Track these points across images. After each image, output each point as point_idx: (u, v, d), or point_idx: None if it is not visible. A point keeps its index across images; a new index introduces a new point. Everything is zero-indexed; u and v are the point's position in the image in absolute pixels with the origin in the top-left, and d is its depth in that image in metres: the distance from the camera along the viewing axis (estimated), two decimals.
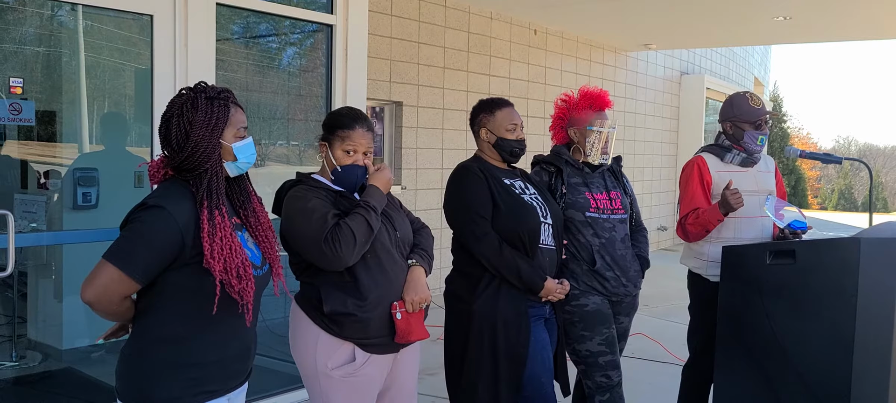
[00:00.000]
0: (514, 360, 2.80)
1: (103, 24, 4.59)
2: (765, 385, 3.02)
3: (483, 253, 2.79)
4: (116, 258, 1.88)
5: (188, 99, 2.00)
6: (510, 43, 8.32)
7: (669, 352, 5.56)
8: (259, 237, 2.12)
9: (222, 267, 1.91)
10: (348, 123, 2.46)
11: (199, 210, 1.93)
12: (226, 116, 2.01)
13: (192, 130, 1.96)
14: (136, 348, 1.98)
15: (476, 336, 2.81)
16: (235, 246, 1.96)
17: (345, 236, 2.28)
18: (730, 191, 3.14)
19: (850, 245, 2.79)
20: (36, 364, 4.45)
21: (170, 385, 1.94)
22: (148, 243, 1.88)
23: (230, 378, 2.06)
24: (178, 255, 1.91)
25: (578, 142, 3.18)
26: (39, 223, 4.23)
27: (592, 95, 3.17)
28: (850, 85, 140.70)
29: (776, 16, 7.95)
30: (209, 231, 1.91)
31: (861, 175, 38.70)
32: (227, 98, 2.04)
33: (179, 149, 1.97)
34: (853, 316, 2.75)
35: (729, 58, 14.54)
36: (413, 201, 7.21)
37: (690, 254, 3.47)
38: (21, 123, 3.94)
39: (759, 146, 3.37)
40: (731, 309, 3.17)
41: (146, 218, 1.90)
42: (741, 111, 3.36)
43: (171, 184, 2.00)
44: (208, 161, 1.97)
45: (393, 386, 2.55)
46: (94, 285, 1.88)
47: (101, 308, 1.91)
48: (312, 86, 4.99)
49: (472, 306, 2.81)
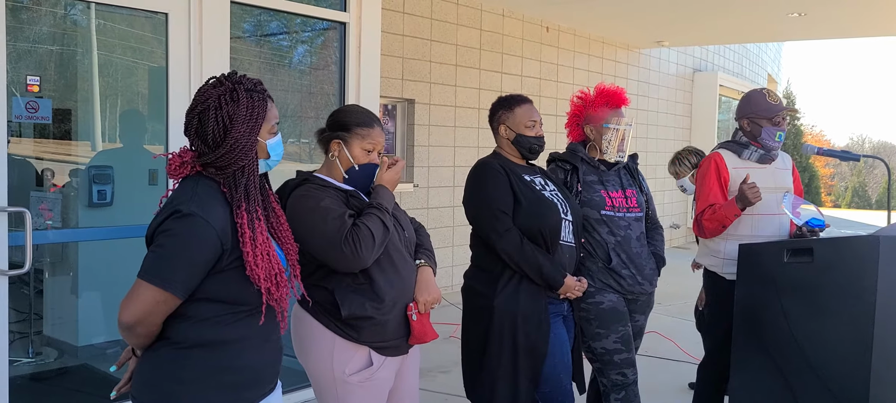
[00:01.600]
0: (533, 356, 2.80)
1: (116, 23, 4.61)
2: (782, 383, 2.99)
3: (505, 249, 2.78)
4: (155, 276, 1.74)
5: (227, 90, 1.83)
6: (522, 40, 8.30)
7: (683, 350, 5.54)
8: (281, 238, 2.00)
9: (265, 275, 1.80)
10: (368, 121, 2.40)
11: (237, 213, 1.80)
12: (264, 111, 1.87)
13: (232, 125, 1.81)
14: (169, 355, 1.83)
15: (497, 332, 2.80)
16: (272, 252, 1.85)
17: (364, 237, 2.21)
18: (747, 185, 3.12)
19: (869, 243, 2.76)
20: (52, 360, 4.48)
21: (204, 391, 1.82)
22: (186, 257, 1.74)
23: (264, 383, 1.95)
24: (217, 263, 1.79)
25: (595, 140, 3.17)
26: (55, 220, 4.25)
27: (609, 92, 3.16)
28: (864, 82, 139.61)
29: (790, 12, 7.89)
30: (251, 237, 1.79)
31: (875, 173, 38.40)
32: (264, 91, 1.89)
33: (216, 145, 1.81)
34: (872, 315, 2.72)
35: (742, 55, 14.45)
36: (425, 199, 7.21)
37: (706, 252, 3.45)
38: (38, 121, 3.96)
39: (777, 142, 3.35)
40: (747, 308, 3.15)
41: (181, 229, 1.74)
42: (759, 107, 3.34)
43: (198, 184, 1.84)
44: (245, 158, 1.83)
45: (399, 387, 2.53)
46: (133, 308, 1.74)
47: (142, 330, 1.77)
48: (324, 84, 4.99)
49: (493, 301, 2.81)
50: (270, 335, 1.96)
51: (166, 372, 1.83)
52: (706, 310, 3.52)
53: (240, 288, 1.82)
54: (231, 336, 1.85)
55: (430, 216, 7.23)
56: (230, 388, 1.86)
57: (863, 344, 2.73)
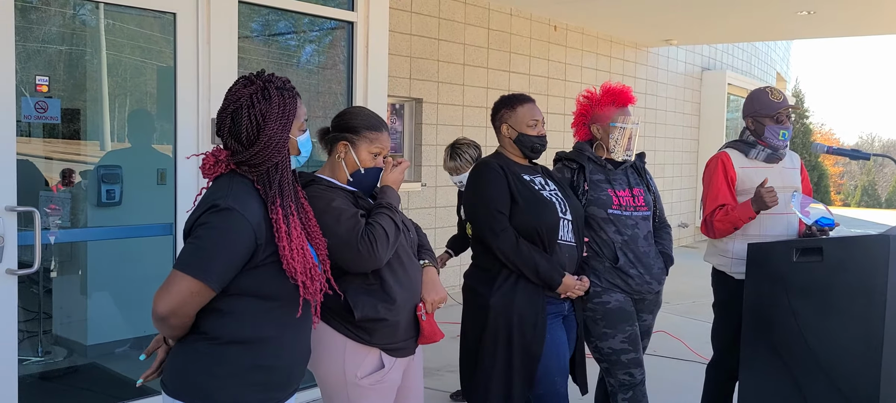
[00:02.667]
0: (528, 356, 2.79)
1: (125, 23, 4.62)
2: (791, 383, 2.98)
3: (501, 249, 2.78)
4: (192, 267, 1.77)
5: (258, 89, 1.87)
6: (530, 39, 8.29)
7: (692, 350, 5.52)
8: (311, 233, 2.02)
9: (302, 269, 1.83)
10: (377, 125, 2.39)
11: (271, 209, 1.83)
12: (295, 109, 1.90)
13: (265, 124, 1.84)
14: (205, 348, 1.86)
15: (491, 331, 2.81)
16: (306, 246, 1.88)
17: (379, 235, 2.21)
18: (765, 188, 3.11)
19: (880, 242, 2.75)
20: (61, 359, 4.50)
21: (236, 388, 1.85)
22: (223, 249, 1.77)
23: (292, 382, 1.98)
24: (251, 258, 1.81)
25: (602, 139, 3.16)
26: (64, 220, 4.27)
27: (615, 91, 3.15)
28: (873, 80, 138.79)
29: (799, 10, 7.85)
30: (286, 231, 1.82)
31: (885, 171, 38.18)
32: (294, 89, 1.93)
33: (250, 143, 1.85)
34: (882, 314, 2.70)
35: (751, 53, 14.39)
36: (433, 198, 7.21)
37: (715, 251, 3.43)
38: (47, 121, 3.98)
39: (782, 141, 3.33)
40: (756, 307, 3.13)
41: (218, 222, 1.78)
42: (761, 105, 3.33)
43: (233, 181, 1.87)
44: (278, 155, 1.86)
45: (405, 386, 2.53)
46: (168, 298, 1.76)
47: (176, 321, 1.80)
48: (331, 83, 5.00)
49: (489, 300, 2.81)
50: (303, 333, 1.99)
51: (201, 366, 1.86)
52: (714, 310, 3.50)
53: (275, 284, 1.85)
54: (266, 334, 1.88)
55: (438, 215, 7.22)
56: (261, 387, 1.89)
57: (873, 344, 2.72)
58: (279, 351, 1.91)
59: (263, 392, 1.90)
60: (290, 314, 1.89)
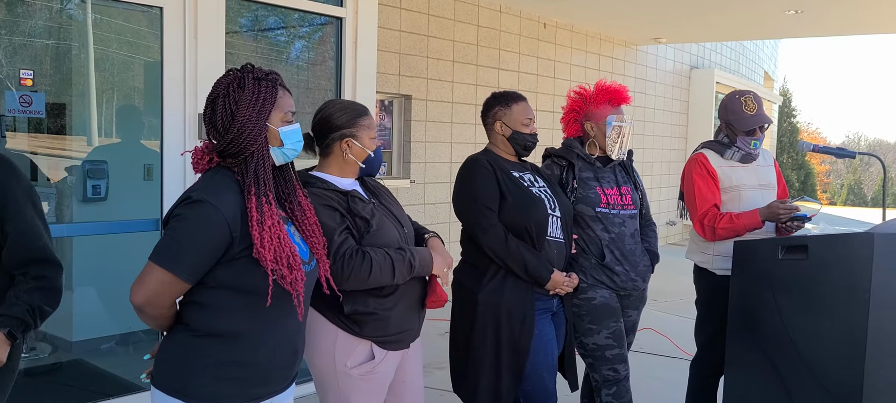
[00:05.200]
0: (516, 352, 2.80)
1: (112, 18, 4.59)
2: (776, 380, 3.00)
3: (489, 245, 2.79)
4: (164, 259, 1.80)
5: (235, 79, 1.91)
6: (519, 36, 8.30)
7: (678, 346, 5.55)
8: (306, 231, 2.04)
9: (273, 257, 1.83)
10: (365, 110, 2.47)
11: (247, 198, 1.85)
12: (273, 98, 1.92)
13: (238, 111, 1.87)
14: (185, 340, 1.90)
15: (480, 326, 2.81)
16: (283, 235, 1.88)
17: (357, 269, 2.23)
18: (785, 206, 3.12)
19: (864, 240, 2.76)
20: (46, 355, 4.47)
21: (213, 382, 1.87)
22: (195, 241, 1.80)
23: (274, 382, 1.98)
24: (227, 250, 1.83)
25: (595, 137, 3.16)
26: (49, 215, 4.24)
27: (612, 90, 3.15)
28: (860, 80, 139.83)
29: (787, 10, 7.89)
30: (258, 219, 1.83)
31: (870, 170, 38.49)
32: (276, 80, 1.95)
33: (224, 131, 1.89)
34: (866, 312, 2.72)
35: (739, 52, 14.47)
36: (422, 195, 7.21)
37: (697, 249, 3.45)
38: (31, 115, 3.95)
39: (754, 150, 3.35)
40: (742, 304, 3.15)
41: (190, 214, 1.81)
42: (736, 119, 3.31)
43: (215, 174, 1.91)
44: (253, 144, 1.88)
45: (402, 381, 2.54)
46: (143, 289, 1.81)
47: (151, 312, 1.84)
48: (321, 79, 4.99)
49: (477, 296, 2.82)
50: (286, 331, 1.97)
51: (180, 358, 1.89)
52: (697, 306, 3.52)
53: (253, 276, 1.85)
54: (241, 329, 1.89)
55: (427, 212, 7.22)
56: (236, 383, 1.90)
57: (857, 341, 2.74)
58: (256, 347, 1.90)
59: (238, 388, 1.90)
60: (270, 309, 1.88)
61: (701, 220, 3.31)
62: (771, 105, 16.06)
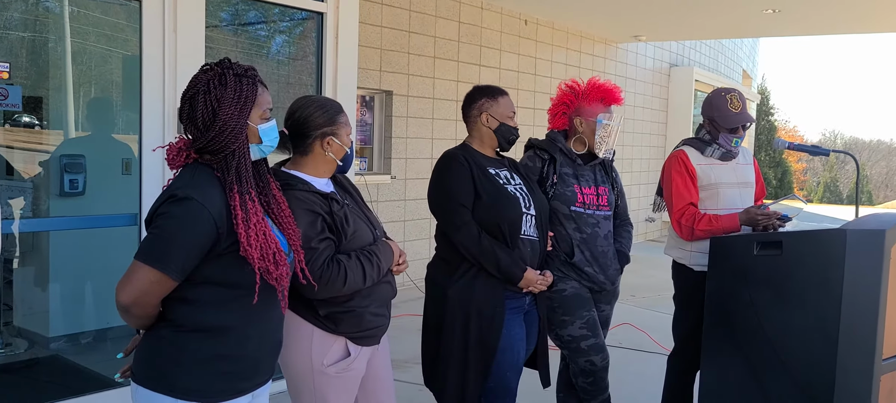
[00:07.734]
0: (484, 349, 2.80)
1: (90, 10, 4.55)
2: (750, 374, 3.04)
3: (462, 242, 2.78)
4: (151, 258, 1.78)
5: (216, 74, 1.88)
6: (501, 33, 8.31)
7: (656, 342, 5.60)
8: (282, 223, 2.03)
9: (260, 255, 1.83)
10: (339, 107, 2.46)
11: (230, 196, 1.84)
12: (254, 95, 1.90)
13: (220, 108, 1.85)
14: (170, 336, 1.87)
15: (449, 322, 2.82)
16: (268, 232, 1.88)
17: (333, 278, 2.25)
18: (762, 213, 3.17)
19: (837, 236, 2.81)
20: (22, 351, 4.43)
21: (200, 376, 1.86)
22: (183, 239, 1.78)
23: (259, 374, 1.99)
24: (214, 246, 1.82)
25: (583, 132, 3.17)
26: (25, 210, 4.20)
27: (606, 89, 3.17)
28: (837, 79, 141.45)
29: (765, 9, 7.97)
30: (243, 217, 1.82)
31: (846, 168, 38.99)
32: (255, 76, 1.93)
33: (206, 128, 1.86)
34: (838, 307, 2.77)
35: (718, 50, 14.59)
36: (403, 190, 7.21)
37: (675, 244, 3.49)
38: (8, 109, 3.90)
39: (735, 147, 3.40)
40: (718, 300, 3.19)
41: (177, 212, 1.79)
42: (720, 116, 3.35)
43: (196, 170, 1.88)
44: (235, 142, 1.87)
45: (373, 375, 2.54)
46: (130, 288, 1.78)
47: (138, 311, 1.82)
48: (301, 74, 4.97)
49: (447, 291, 2.82)
50: (270, 324, 1.98)
51: (166, 354, 1.87)
52: (674, 302, 3.56)
53: (239, 271, 1.85)
54: (229, 323, 1.88)
55: (408, 208, 7.23)
56: (226, 376, 1.89)
57: (829, 335, 2.79)
58: (244, 341, 1.91)
59: (228, 382, 1.90)
60: (256, 303, 1.88)
61: (679, 220, 3.34)
62: (750, 103, 16.21)
